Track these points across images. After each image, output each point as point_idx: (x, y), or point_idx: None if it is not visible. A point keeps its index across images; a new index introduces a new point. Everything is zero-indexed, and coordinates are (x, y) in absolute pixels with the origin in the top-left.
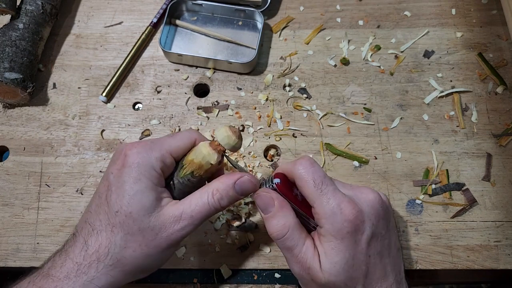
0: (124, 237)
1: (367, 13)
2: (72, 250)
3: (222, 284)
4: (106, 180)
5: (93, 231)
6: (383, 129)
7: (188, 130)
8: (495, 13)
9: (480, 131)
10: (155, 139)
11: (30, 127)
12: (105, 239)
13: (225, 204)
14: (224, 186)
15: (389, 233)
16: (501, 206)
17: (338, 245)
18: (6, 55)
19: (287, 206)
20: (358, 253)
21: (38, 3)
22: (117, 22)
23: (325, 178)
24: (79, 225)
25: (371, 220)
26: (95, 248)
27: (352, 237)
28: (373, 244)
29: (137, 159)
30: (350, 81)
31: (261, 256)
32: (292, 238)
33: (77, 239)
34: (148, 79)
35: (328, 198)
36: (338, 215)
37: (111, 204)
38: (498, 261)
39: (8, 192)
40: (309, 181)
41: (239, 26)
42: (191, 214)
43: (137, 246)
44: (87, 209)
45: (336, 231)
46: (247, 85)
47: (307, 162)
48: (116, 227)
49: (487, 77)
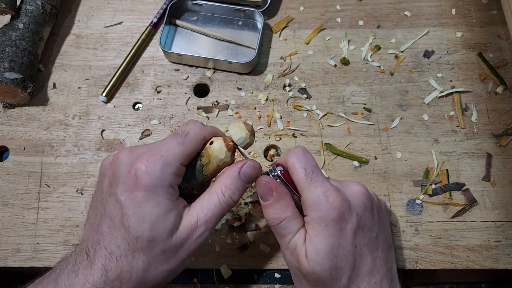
0: (146, 260)
1: (367, 13)
2: (90, 274)
3: (222, 284)
4: (117, 202)
5: (112, 257)
6: (383, 129)
7: (193, 129)
8: (495, 13)
9: (480, 131)
10: (162, 146)
11: (30, 127)
12: (126, 265)
13: (236, 198)
14: (231, 180)
15: (377, 226)
16: (501, 206)
17: (322, 232)
18: (6, 55)
19: (285, 196)
20: (344, 242)
21: (38, 3)
22: (117, 22)
23: (316, 168)
24: (89, 243)
25: (356, 210)
26: (117, 274)
27: (337, 224)
28: (359, 235)
29: (152, 180)
30: (350, 81)
31: (261, 256)
32: (286, 227)
33: (93, 261)
34: (148, 79)
35: (315, 187)
36: (323, 203)
37: (131, 230)
38: (498, 261)
39: (8, 192)
40: (300, 169)
41: (239, 26)
42: (205, 219)
43: (159, 265)
44: (96, 227)
45: (321, 218)
46: (247, 85)
47: (300, 151)
48: (137, 251)
49: (487, 77)
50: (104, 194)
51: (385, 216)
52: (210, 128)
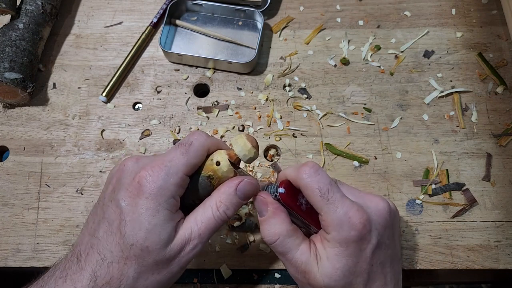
0: (138, 269)
1: (367, 13)
2: (79, 279)
3: (222, 284)
4: (117, 207)
5: (103, 262)
6: (383, 129)
7: (198, 139)
8: (495, 13)
9: (480, 131)
10: (166, 156)
11: (30, 127)
12: (116, 272)
13: (231, 213)
14: (226, 195)
15: (394, 243)
16: (501, 206)
17: (343, 252)
18: (6, 55)
19: (281, 213)
20: (362, 262)
21: (38, 3)
22: (117, 22)
23: (331, 185)
24: (82, 247)
25: (377, 229)
26: (106, 281)
27: (358, 245)
28: (377, 253)
29: (154, 189)
30: (350, 81)
31: (261, 256)
32: (284, 245)
33: (83, 267)
34: (148, 79)
35: (335, 207)
36: (345, 224)
37: (126, 236)
38: (498, 261)
39: (8, 192)
40: (315, 190)
41: (239, 26)
42: (199, 232)
43: (150, 275)
44: (92, 232)
45: (343, 239)
46: (247, 85)
47: (311, 169)
48: (129, 259)
49: (487, 77)
50: (106, 200)
51: (399, 226)
52: (214, 140)
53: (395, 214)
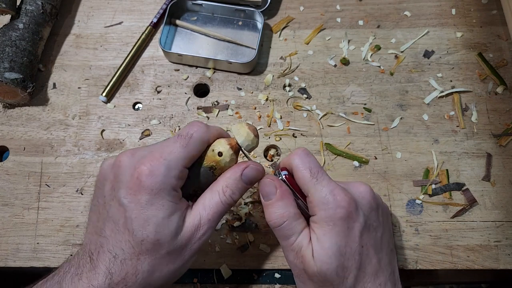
0: (152, 262)
1: (367, 13)
2: (94, 277)
3: (222, 284)
4: (120, 205)
5: (116, 260)
6: (383, 129)
7: (198, 131)
8: (495, 13)
9: (480, 131)
10: (164, 148)
11: (30, 127)
12: (131, 268)
13: (237, 197)
14: (232, 180)
15: (382, 227)
16: (501, 206)
17: (330, 231)
18: (6, 55)
19: (288, 196)
20: (351, 241)
21: (38, 3)
22: (117, 22)
23: (321, 168)
24: (92, 246)
25: (362, 209)
26: (122, 277)
27: (345, 223)
28: (366, 234)
29: (155, 184)
30: (350, 81)
31: (261, 256)
32: (289, 228)
33: (96, 265)
34: (148, 79)
35: (322, 186)
36: (331, 201)
37: (135, 233)
38: (498, 261)
39: (8, 192)
40: (305, 170)
41: (239, 26)
42: (208, 217)
43: (165, 266)
44: (99, 231)
45: (329, 217)
46: (247, 85)
47: (303, 152)
48: (142, 254)
49: (487, 77)
50: (107, 198)
51: (388, 218)
52: (214, 131)
53: (378, 198)
